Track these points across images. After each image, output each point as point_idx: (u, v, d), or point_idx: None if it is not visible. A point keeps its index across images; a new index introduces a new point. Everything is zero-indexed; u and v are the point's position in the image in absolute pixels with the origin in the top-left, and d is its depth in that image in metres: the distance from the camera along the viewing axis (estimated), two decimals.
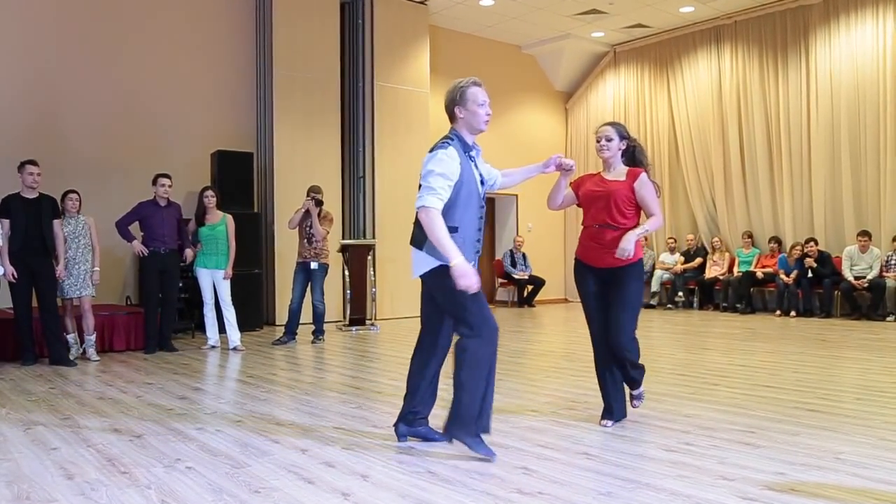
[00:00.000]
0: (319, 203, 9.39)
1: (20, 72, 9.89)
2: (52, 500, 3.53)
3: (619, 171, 4.94)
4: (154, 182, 8.83)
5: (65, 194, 8.19)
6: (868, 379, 6.60)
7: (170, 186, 8.86)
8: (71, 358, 8.00)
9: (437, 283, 4.27)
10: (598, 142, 4.97)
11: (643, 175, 4.85)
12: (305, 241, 9.44)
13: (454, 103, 4.29)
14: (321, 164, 12.05)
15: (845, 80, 12.56)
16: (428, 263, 4.28)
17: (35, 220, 7.75)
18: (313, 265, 9.42)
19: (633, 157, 5.00)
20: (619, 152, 4.95)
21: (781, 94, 13.35)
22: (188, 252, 8.87)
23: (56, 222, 7.94)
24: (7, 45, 9.79)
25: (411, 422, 4.52)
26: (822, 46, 12.85)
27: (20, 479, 3.88)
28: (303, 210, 9.42)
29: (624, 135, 4.95)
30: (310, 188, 9.56)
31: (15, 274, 7.61)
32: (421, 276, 4.42)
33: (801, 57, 13.10)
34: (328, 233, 9.52)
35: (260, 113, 11.97)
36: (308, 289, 9.53)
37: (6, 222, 7.68)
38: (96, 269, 8.27)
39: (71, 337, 8.28)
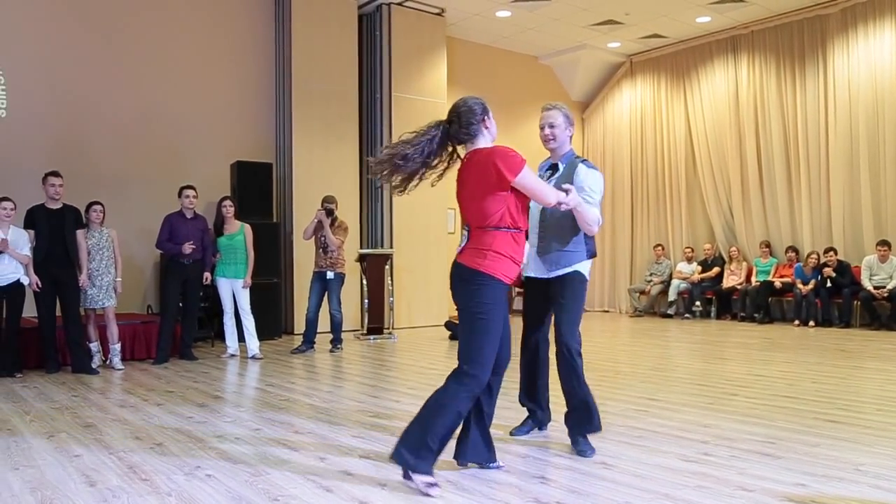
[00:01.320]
0: (331, 213, 9.44)
1: (44, 86, 10.01)
2: None
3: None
4: (179, 194, 8.91)
5: (89, 206, 8.29)
6: (888, 390, 6.56)
7: (195, 198, 8.93)
8: (93, 366, 8.08)
9: None
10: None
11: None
12: (321, 250, 9.50)
13: None
14: (339, 174, 12.11)
15: (863, 89, 12.51)
16: None
17: (58, 230, 7.86)
18: (329, 274, 9.47)
19: None
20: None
21: (799, 104, 13.31)
22: (207, 275, 8.95)
23: (79, 232, 8.05)
24: (31, 59, 9.91)
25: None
26: (840, 56, 12.81)
27: (44, 485, 3.93)
28: (316, 220, 9.48)
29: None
30: (323, 198, 9.62)
31: (39, 283, 7.72)
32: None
33: (819, 66, 13.06)
34: (343, 242, 9.57)
35: (279, 124, 12.05)
36: (325, 298, 9.58)
37: (32, 233, 7.80)
38: (119, 279, 8.37)
39: (93, 345, 8.34)
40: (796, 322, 12.43)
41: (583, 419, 4.53)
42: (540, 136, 4.73)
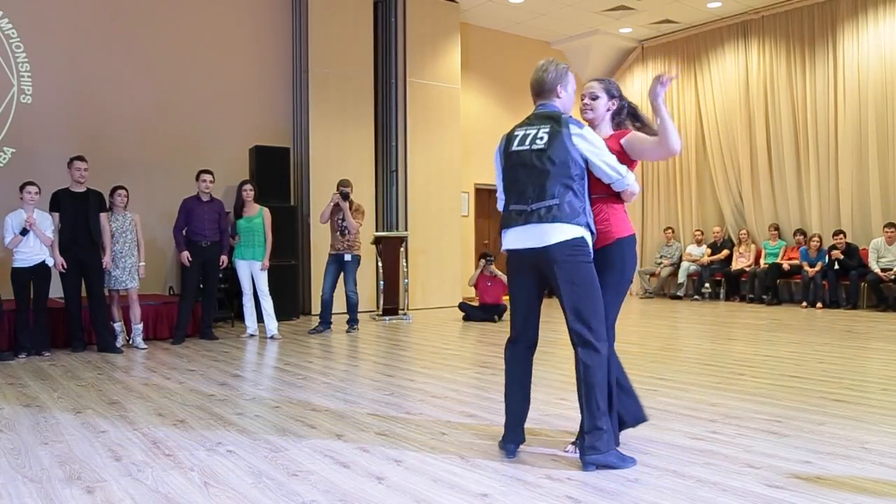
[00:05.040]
0: (346, 196, 9.54)
1: (67, 73, 10.14)
2: (102, 481, 3.68)
3: (605, 135, 4.11)
4: (197, 178, 9.04)
5: (113, 190, 8.43)
6: (894, 370, 6.60)
7: (211, 182, 9.05)
8: (117, 345, 8.25)
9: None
10: (581, 99, 4.21)
11: (631, 131, 4.11)
12: (338, 233, 9.60)
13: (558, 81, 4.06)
14: (355, 158, 12.21)
15: (873, 73, 12.50)
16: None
17: (83, 213, 8.01)
18: (347, 257, 9.58)
19: (634, 118, 4.25)
20: (608, 114, 4.17)
21: (808, 88, 13.31)
22: (223, 259, 9.08)
23: (103, 215, 8.20)
24: (55, 46, 10.03)
25: None
26: (850, 41, 12.80)
27: (71, 459, 4.05)
28: (332, 204, 9.58)
29: (613, 93, 4.19)
30: (339, 182, 9.72)
31: (65, 265, 7.88)
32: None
33: (829, 51, 13.06)
34: (361, 225, 9.68)
35: (296, 109, 12.15)
36: (341, 280, 9.71)
37: (56, 216, 7.95)
38: (142, 263, 8.53)
39: (117, 325, 8.51)
40: (804, 304, 12.49)
41: None
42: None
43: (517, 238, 3.95)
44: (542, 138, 3.87)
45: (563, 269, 3.79)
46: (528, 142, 3.92)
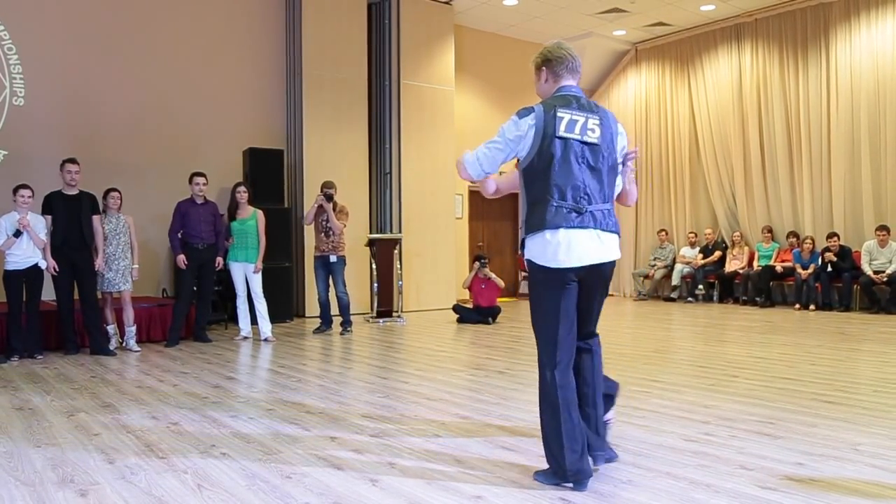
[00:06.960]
0: (330, 198, 9.56)
1: (60, 74, 10.11)
2: (95, 483, 3.68)
3: None
4: (190, 181, 9.03)
5: (107, 192, 8.44)
6: (886, 372, 6.62)
7: (205, 184, 9.04)
8: (111, 348, 8.24)
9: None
10: None
11: None
12: (323, 234, 9.64)
13: None
14: (349, 160, 12.21)
15: (865, 76, 12.55)
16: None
17: (75, 215, 7.99)
18: (332, 258, 9.62)
19: None
20: None
21: (801, 91, 13.35)
22: (219, 260, 9.07)
23: (95, 218, 8.17)
24: (47, 47, 10.00)
25: None
26: (843, 43, 12.85)
27: (64, 462, 4.04)
28: (316, 206, 9.61)
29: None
30: (322, 184, 9.75)
31: (57, 267, 7.86)
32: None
33: (822, 54, 13.11)
34: (345, 226, 9.71)
35: (290, 111, 12.15)
36: (330, 282, 9.76)
37: (49, 218, 7.93)
38: (136, 266, 8.51)
39: (111, 328, 8.51)
40: (797, 306, 12.51)
41: None
42: None
43: (586, 248, 3.51)
44: (592, 131, 3.59)
45: (608, 283, 3.78)
46: (577, 129, 3.58)
